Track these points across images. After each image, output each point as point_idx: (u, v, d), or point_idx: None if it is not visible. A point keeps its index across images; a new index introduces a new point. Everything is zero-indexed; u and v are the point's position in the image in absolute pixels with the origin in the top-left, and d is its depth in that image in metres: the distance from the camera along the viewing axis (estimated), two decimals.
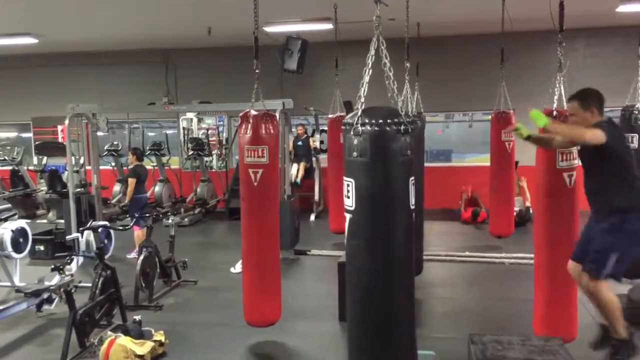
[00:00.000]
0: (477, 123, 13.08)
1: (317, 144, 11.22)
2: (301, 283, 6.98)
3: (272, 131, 4.64)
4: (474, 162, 11.81)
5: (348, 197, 2.55)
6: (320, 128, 11.29)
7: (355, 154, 2.50)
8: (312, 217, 10.60)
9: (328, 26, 8.48)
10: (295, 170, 10.64)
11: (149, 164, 11.04)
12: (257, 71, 4.54)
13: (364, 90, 2.59)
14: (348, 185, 2.55)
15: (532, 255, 4.77)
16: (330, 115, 8.70)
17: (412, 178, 2.60)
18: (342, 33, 8.16)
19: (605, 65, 10.19)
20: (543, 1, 4.50)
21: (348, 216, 2.60)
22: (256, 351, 4.96)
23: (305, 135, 11.16)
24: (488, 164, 8.31)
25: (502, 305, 5.97)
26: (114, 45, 11.55)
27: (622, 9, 7.99)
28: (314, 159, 11.04)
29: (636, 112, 5.56)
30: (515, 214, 8.47)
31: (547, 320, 4.36)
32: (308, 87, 11.20)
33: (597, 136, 3.38)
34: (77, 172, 9.07)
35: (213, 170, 11.93)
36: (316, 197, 10.90)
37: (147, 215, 6.80)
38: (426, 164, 10.92)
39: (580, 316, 4.58)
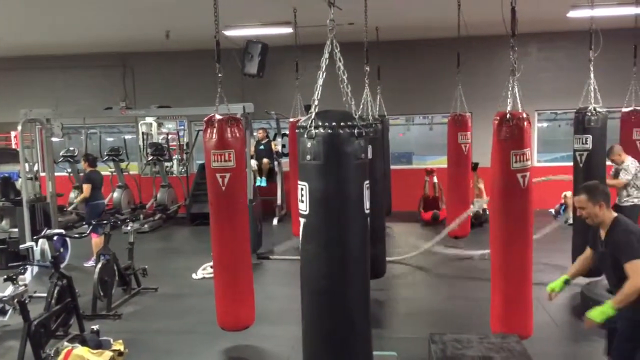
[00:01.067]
0: (437, 126, 13.32)
1: (279, 148, 11.20)
2: (264, 287, 6.93)
3: (237, 135, 4.65)
4: (435, 164, 11.99)
5: (302, 201, 2.55)
6: (282, 132, 11.28)
7: (308, 157, 2.50)
8: (275, 221, 10.57)
9: (288, 30, 8.49)
10: (257, 167, 10.60)
11: (107, 169, 10.84)
12: (219, 75, 4.53)
13: (318, 94, 2.60)
14: (302, 189, 2.54)
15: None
16: (291, 119, 8.71)
17: (367, 181, 2.61)
18: (302, 37, 8.19)
19: (558, 69, 10.52)
20: (496, 7, 4.61)
21: (302, 220, 2.60)
22: (220, 357, 4.92)
23: (267, 139, 11.13)
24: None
25: (462, 304, 6.08)
26: (70, 49, 11.27)
27: (573, 14, 8.26)
28: (275, 162, 11.02)
29: (589, 114, 5.71)
30: (472, 214, 8.62)
31: (504, 318, 4.46)
32: (269, 90, 11.18)
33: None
34: (31, 179, 8.81)
35: (174, 175, 11.77)
36: (278, 201, 10.88)
37: (105, 222, 6.65)
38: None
39: (536, 313, 4.71)
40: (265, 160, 10.86)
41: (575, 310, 5.59)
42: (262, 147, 10.97)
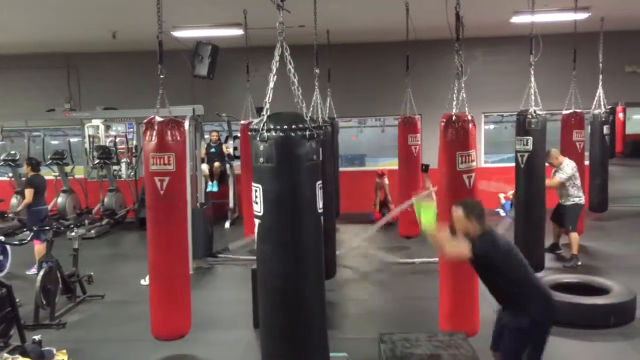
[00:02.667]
0: (389, 128, 13.50)
1: (231, 150, 11.08)
2: (215, 292, 6.86)
3: (178, 138, 4.57)
4: (386, 165, 12.15)
5: (256, 203, 2.56)
6: (234, 134, 11.18)
7: (261, 159, 2.51)
8: (227, 225, 10.46)
9: (239, 32, 8.42)
10: (208, 170, 10.47)
11: (51, 174, 10.46)
12: (161, 76, 4.45)
13: (269, 96, 2.61)
14: (256, 190, 2.55)
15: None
16: (242, 121, 8.64)
17: (319, 182, 2.64)
18: (253, 39, 8.15)
19: (502, 73, 10.85)
20: (441, 12, 4.72)
21: (257, 221, 2.61)
22: None
23: (219, 142, 11.01)
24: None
25: (412, 303, 6.18)
26: (11, 49, 10.81)
27: (516, 20, 8.55)
28: (227, 165, 10.90)
29: (529, 117, 5.92)
30: None
31: (452, 316, 4.57)
32: (220, 93, 11.07)
33: (458, 252, 3.65)
34: None
35: (122, 179, 11.46)
36: (231, 204, 10.77)
37: (48, 228, 6.42)
38: (341, 169, 11.19)
39: (482, 311, 4.84)
40: (216, 163, 10.74)
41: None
42: (213, 149, 10.84)
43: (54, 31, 9.26)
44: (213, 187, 10.63)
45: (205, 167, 10.28)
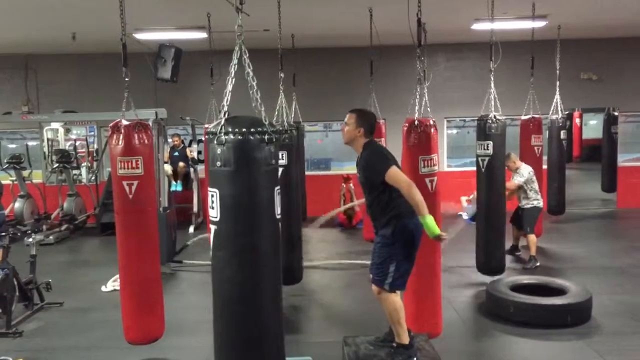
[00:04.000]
0: None
1: (195, 154, 10.98)
2: (179, 297, 6.77)
3: (146, 141, 4.53)
4: (352, 170, 12.22)
5: (212, 208, 2.52)
6: (198, 138, 11.07)
7: (219, 163, 2.48)
8: (191, 229, 10.33)
9: (203, 35, 8.36)
10: (171, 171, 10.34)
11: (7, 178, 10.16)
12: (126, 79, 4.39)
13: (228, 99, 2.59)
14: (212, 195, 2.52)
15: None
16: (206, 125, 8.57)
17: (278, 187, 2.63)
18: (217, 42, 8.09)
19: (464, 78, 11.07)
20: (405, 18, 4.79)
21: (213, 227, 2.57)
22: None
23: (182, 145, 10.89)
24: None
25: (377, 307, 6.20)
26: None
27: (476, 27, 8.74)
28: (191, 169, 10.79)
29: (490, 122, 6.05)
30: None
31: (416, 317, 4.62)
32: (184, 96, 10.95)
33: (403, 177, 3.78)
34: None
35: (82, 183, 11.21)
36: (195, 209, 10.65)
37: (4, 234, 6.22)
38: (307, 173, 11.20)
39: (445, 312, 4.92)
40: (181, 163, 10.63)
41: (481, 307, 5.88)
42: (176, 153, 10.72)
43: (11, 31, 9.01)
44: (177, 186, 10.51)
45: (168, 167, 10.14)
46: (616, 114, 11.71)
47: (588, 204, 12.16)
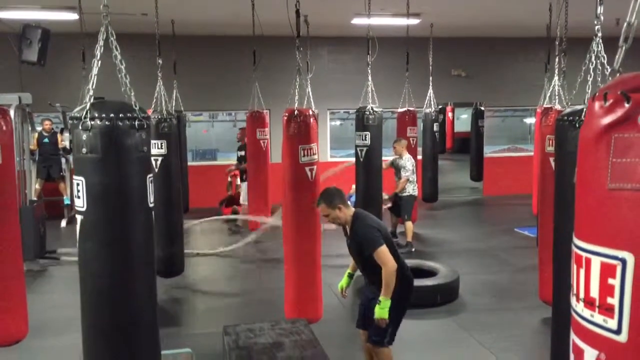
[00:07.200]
0: (241, 123, 13.46)
1: (67, 143, 10.26)
2: (49, 295, 6.34)
3: (4, 127, 4.15)
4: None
5: (78, 197, 2.38)
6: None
7: (84, 150, 2.34)
8: (64, 223, 9.68)
9: (73, 16, 7.81)
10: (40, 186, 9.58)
11: None
12: None
13: (93, 83, 2.46)
14: (78, 184, 2.37)
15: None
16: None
17: (150, 175, 2.54)
18: (89, 24, 7.59)
19: (345, 71, 11.36)
20: (285, 9, 4.83)
21: (79, 217, 2.42)
22: None
23: (52, 131, 10.08)
24: None
25: (262, 294, 6.26)
26: None
27: (356, 21, 9.02)
28: (63, 159, 10.07)
29: (367, 113, 6.29)
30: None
31: (296, 304, 4.72)
32: (53, 81, 10.18)
33: (390, 259, 3.71)
34: None
35: None
36: (67, 201, 9.98)
37: None
38: (191, 163, 10.94)
39: (326, 297, 5.06)
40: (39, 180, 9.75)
41: (360, 292, 6.11)
42: (46, 140, 9.88)
43: None
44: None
45: (37, 185, 9.41)
46: (482, 108, 12.70)
47: (458, 192, 13.09)
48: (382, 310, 3.68)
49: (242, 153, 9.44)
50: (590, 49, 3.10)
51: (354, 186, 10.88)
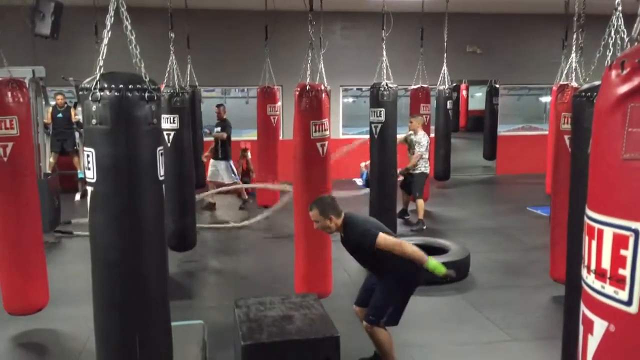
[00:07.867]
0: (254, 100, 13.39)
1: (80, 117, 10.29)
2: (64, 267, 6.44)
3: (21, 99, 4.24)
4: (250, 137, 12.12)
5: (89, 169, 2.39)
6: None
7: (94, 121, 2.34)
8: (78, 197, 9.77)
9: None
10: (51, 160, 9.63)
11: None
12: None
13: (103, 53, 2.45)
14: (88, 155, 2.38)
15: None
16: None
17: (161, 148, 2.54)
18: None
19: (358, 47, 11.23)
20: None
21: (90, 189, 2.43)
22: (9, 345, 4.48)
23: (66, 106, 10.13)
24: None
25: (270, 269, 6.30)
26: None
27: None
28: (77, 133, 10.12)
29: (382, 90, 6.22)
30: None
31: (306, 279, 4.75)
32: (66, 54, 10.20)
33: (392, 240, 3.74)
34: None
35: None
36: (80, 175, 10.05)
37: None
38: (207, 139, 10.92)
39: (336, 273, 5.08)
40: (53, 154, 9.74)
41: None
42: (60, 115, 9.93)
43: None
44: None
45: (51, 159, 9.46)
46: (497, 86, 12.52)
47: (471, 171, 13.00)
48: (436, 269, 3.69)
49: (219, 129, 9.15)
50: (610, 23, 3.01)
51: (362, 164, 10.87)
